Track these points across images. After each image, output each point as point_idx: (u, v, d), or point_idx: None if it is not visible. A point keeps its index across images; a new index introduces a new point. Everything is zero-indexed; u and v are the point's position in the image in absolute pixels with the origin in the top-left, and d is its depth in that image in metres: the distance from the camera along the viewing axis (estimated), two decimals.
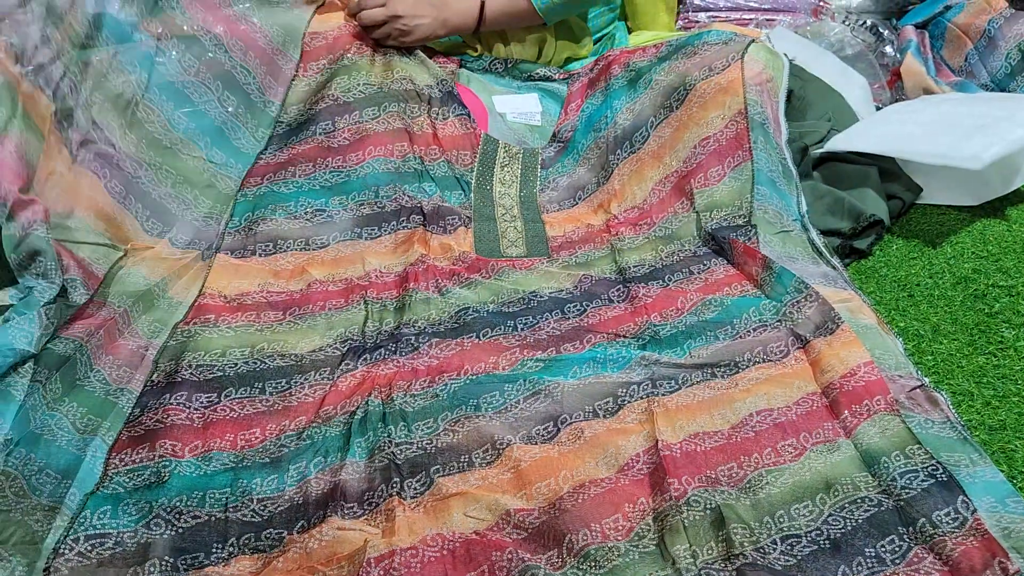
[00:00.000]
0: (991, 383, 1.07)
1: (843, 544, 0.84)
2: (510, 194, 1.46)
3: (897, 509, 0.86)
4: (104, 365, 1.07)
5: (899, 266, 1.33)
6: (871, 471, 0.91)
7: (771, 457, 0.95)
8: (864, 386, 1.00)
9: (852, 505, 0.88)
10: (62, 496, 0.90)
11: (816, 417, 1.00)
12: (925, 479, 0.88)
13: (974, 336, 1.16)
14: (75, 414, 1.00)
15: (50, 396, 0.99)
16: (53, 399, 1.00)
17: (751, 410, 1.02)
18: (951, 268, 1.31)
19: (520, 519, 0.88)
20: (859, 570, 0.81)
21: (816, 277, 1.22)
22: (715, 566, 0.82)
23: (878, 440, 0.94)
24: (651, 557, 0.84)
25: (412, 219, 1.37)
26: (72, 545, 0.85)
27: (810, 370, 1.07)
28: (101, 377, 1.05)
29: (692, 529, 0.86)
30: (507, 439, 0.98)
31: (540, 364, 1.11)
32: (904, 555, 0.82)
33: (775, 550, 0.84)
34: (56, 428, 0.97)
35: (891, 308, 1.23)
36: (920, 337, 1.16)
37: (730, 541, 0.84)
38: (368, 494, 0.93)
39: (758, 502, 0.89)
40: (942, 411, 0.98)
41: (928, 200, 1.50)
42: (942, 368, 1.10)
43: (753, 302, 1.19)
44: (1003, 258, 1.32)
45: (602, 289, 1.26)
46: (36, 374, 1.00)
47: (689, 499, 0.89)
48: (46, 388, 0.99)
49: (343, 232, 1.37)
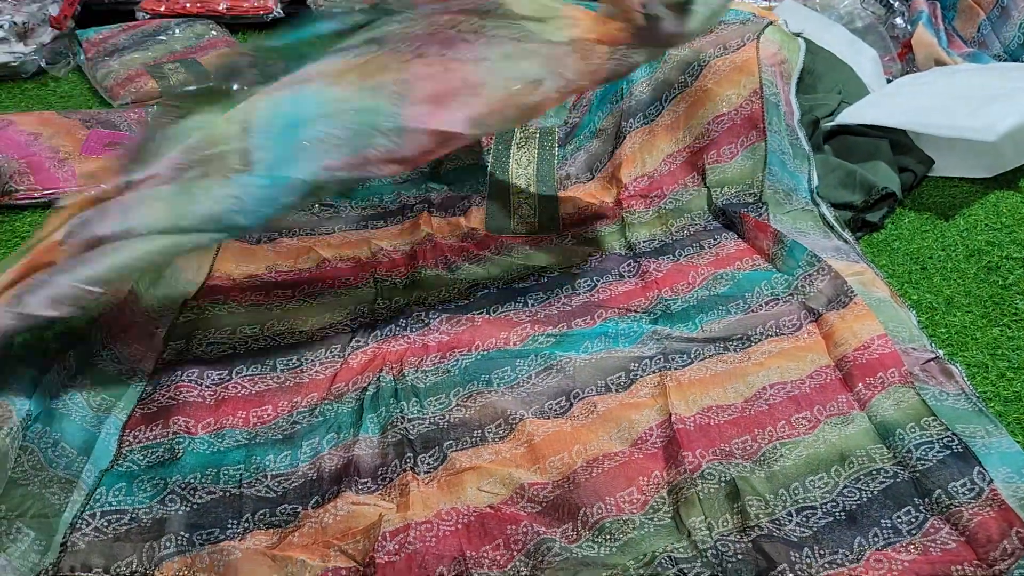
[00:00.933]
0: (1006, 355, 1.06)
1: (859, 515, 0.84)
2: (526, 174, 1.46)
3: (913, 480, 0.86)
4: (116, 342, 1.07)
5: (912, 239, 1.32)
6: (886, 443, 0.91)
7: (785, 430, 0.95)
8: (878, 359, 1.00)
9: (867, 477, 0.88)
10: (78, 472, 0.90)
11: (830, 390, 1.00)
12: (940, 450, 0.87)
13: (988, 308, 1.15)
14: (89, 392, 1.00)
15: (65, 374, 1.00)
16: (68, 376, 1.00)
17: (764, 383, 1.01)
18: (964, 240, 1.30)
19: (534, 493, 0.89)
20: (875, 541, 0.81)
21: (828, 251, 1.21)
22: (731, 538, 0.82)
23: (893, 412, 0.94)
24: (666, 529, 0.85)
25: (416, 208, 1.39)
26: (89, 520, 0.86)
27: (823, 343, 1.07)
28: (113, 355, 1.05)
29: (707, 501, 0.86)
30: (520, 414, 0.98)
31: (551, 339, 1.11)
32: (920, 526, 0.82)
33: (791, 522, 0.83)
34: (71, 404, 0.97)
35: (904, 281, 1.22)
36: (934, 309, 1.15)
37: (745, 513, 0.84)
38: (382, 469, 0.93)
39: (773, 475, 0.89)
40: (957, 383, 0.97)
41: (940, 173, 1.48)
42: (956, 340, 1.09)
43: (765, 276, 1.19)
44: (1017, 230, 1.30)
45: (612, 264, 1.26)
46: (49, 350, 1.00)
47: (704, 472, 0.89)
48: (61, 365, 0.99)
49: (348, 223, 1.39)
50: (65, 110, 1.73)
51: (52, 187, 1.45)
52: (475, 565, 0.81)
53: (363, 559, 0.82)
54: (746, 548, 0.81)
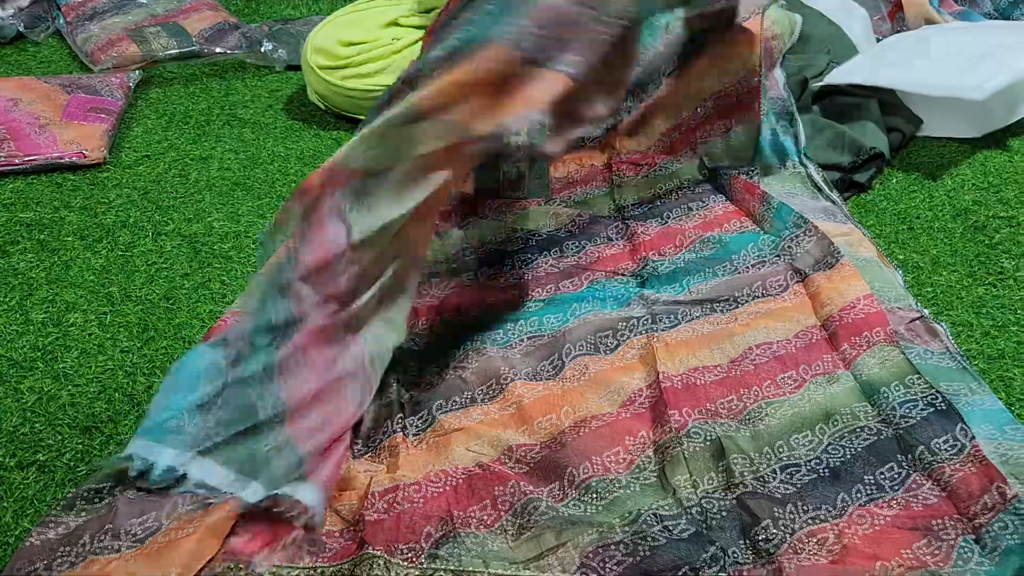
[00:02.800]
0: (990, 313, 1.07)
1: (842, 472, 0.84)
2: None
3: (896, 438, 0.87)
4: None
5: (899, 199, 1.32)
6: (871, 401, 0.92)
7: (771, 389, 0.95)
8: (863, 318, 1.00)
9: (851, 434, 0.88)
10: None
11: (816, 349, 1.00)
12: (924, 408, 0.88)
13: (974, 267, 1.15)
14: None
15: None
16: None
17: (750, 343, 1.02)
18: (951, 200, 1.30)
19: (522, 454, 0.89)
20: (858, 497, 0.82)
21: (816, 212, 1.21)
22: (715, 495, 0.83)
23: (878, 371, 0.94)
24: (652, 488, 0.85)
25: None
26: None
27: (809, 304, 1.07)
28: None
29: (692, 460, 0.86)
30: (511, 375, 0.99)
31: (540, 304, 1.11)
32: (903, 482, 0.83)
33: (775, 479, 0.84)
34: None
35: (891, 241, 1.22)
36: (920, 269, 1.16)
37: (730, 471, 0.85)
38: (372, 432, 0.94)
39: (758, 433, 0.90)
40: (941, 342, 0.98)
41: (929, 133, 1.48)
42: (942, 299, 1.10)
43: (752, 238, 1.19)
44: (1004, 189, 1.30)
45: (600, 228, 1.26)
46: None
47: (689, 430, 0.89)
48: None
49: None
50: (45, 75, 1.70)
51: (33, 153, 1.43)
52: (462, 524, 0.82)
53: (353, 519, 0.83)
54: (730, 505, 0.82)
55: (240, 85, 1.77)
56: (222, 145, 1.54)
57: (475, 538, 0.80)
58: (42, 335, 1.07)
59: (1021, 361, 0.98)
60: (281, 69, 1.83)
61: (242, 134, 1.58)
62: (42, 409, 0.96)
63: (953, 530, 0.77)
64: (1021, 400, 0.93)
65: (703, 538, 0.78)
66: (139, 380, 1.00)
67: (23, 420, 0.94)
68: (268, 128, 1.61)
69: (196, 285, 1.16)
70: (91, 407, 0.96)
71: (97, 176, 1.43)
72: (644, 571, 0.75)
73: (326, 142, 1.56)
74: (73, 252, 1.23)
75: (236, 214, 1.33)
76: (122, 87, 1.65)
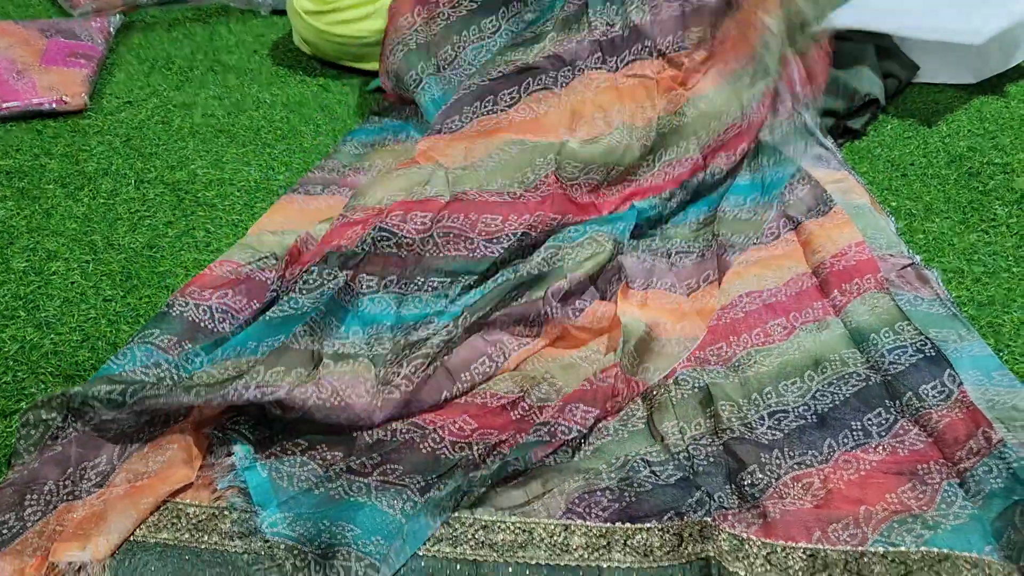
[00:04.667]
0: (982, 260, 1.06)
1: (829, 418, 0.84)
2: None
3: (884, 384, 0.87)
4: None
5: (893, 146, 1.30)
6: (860, 348, 0.91)
7: (760, 337, 0.95)
8: (855, 265, 0.99)
9: (840, 381, 0.88)
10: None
11: (806, 297, 1.00)
12: (913, 354, 0.88)
13: (967, 214, 1.14)
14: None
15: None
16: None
17: (741, 291, 1.01)
18: (946, 147, 1.28)
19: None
20: (845, 442, 0.82)
21: (809, 158, 1.19)
22: (703, 442, 0.83)
23: (868, 318, 0.94)
24: (640, 435, 0.85)
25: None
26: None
27: (800, 252, 1.06)
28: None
29: (680, 407, 0.86)
30: None
31: None
32: (890, 428, 0.83)
33: (762, 425, 0.84)
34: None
35: (884, 188, 1.21)
36: (912, 216, 1.15)
37: (718, 417, 0.84)
38: None
39: (746, 380, 0.89)
40: (932, 288, 0.97)
41: (925, 78, 1.45)
42: (933, 246, 1.09)
43: (744, 189, 1.18)
44: (999, 135, 1.29)
45: None
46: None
47: (678, 378, 0.89)
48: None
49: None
50: (22, 20, 1.66)
51: (11, 99, 1.39)
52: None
53: None
54: (717, 451, 0.82)
55: (224, 30, 1.73)
56: (205, 91, 1.51)
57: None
58: (24, 283, 1.06)
59: (1010, 307, 0.98)
60: (266, 14, 1.79)
61: (226, 80, 1.55)
62: (24, 358, 0.95)
63: (938, 474, 0.77)
64: (1009, 346, 0.93)
65: (690, 483, 0.78)
66: (123, 329, 0.99)
67: (5, 369, 0.93)
68: (253, 74, 1.57)
69: (179, 233, 1.15)
70: (74, 356, 0.95)
71: (78, 123, 1.40)
72: (629, 516, 0.75)
73: (312, 88, 1.53)
74: (54, 200, 1.21)
75: (220, 161, 1.30)
76: (102, 32, 1.61)
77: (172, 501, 0.77)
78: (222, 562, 0.72)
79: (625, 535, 0.74)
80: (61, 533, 0.72)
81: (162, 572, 0.71)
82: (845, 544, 0.71)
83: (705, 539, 0.71)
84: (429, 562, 0.72)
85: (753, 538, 0.72)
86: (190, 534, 0.74)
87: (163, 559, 0.72)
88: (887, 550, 0.70)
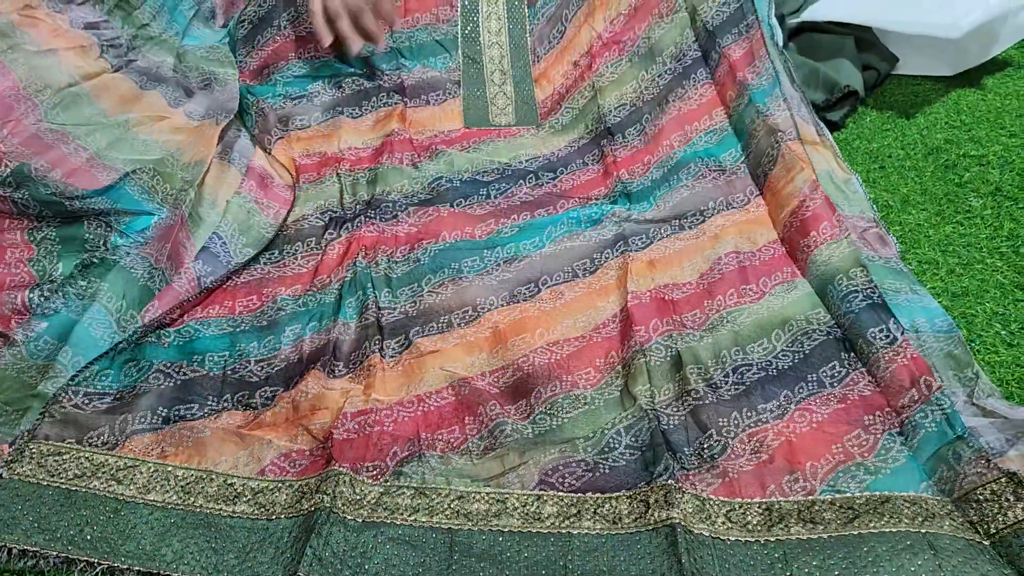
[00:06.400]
0: (956, 251, 1.08)
1: (789, 372, 0.88)
2: (499, 43, 1.41)
3: (843, 337, 0.90)
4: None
5: (872, 138, 1.32)
6: (823, 300, 0.95)
7: (733, 298, 0.98)
8: (811, 216, 1.02)
9: (803, 337, 0.92)
10: (54, 355, 0.90)
11: (778, 261, 1.03)
12: (863, 300, 0.91)
13: (942, 206, 1.16)
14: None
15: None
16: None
17: (720, 254, 1.04)
18: (923, 139, 1.30)
19: (494, 379, 0.91)
20: (800, 392, 0.86)
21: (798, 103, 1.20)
22: (669, 409, 0.86)
23: (826, 268, 0.97)
24: (615, 402, 0.88)
25: (392, 96, 1.34)
26: (72, 397, 0.88)
27: (769, 218, 1.09)
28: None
29: (654, 371, 0.90)
30: (489, 301, 1.01)
31: (516, 229, 1.13)
32: (842, 379, 0.86)
33: (727, 382, 0.87)
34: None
35: (862, 180, 1.22)
36: (890, 208, 1.16)
37: (685, 379, 0.88)
38: (354, 354, 0.96)
39: (717, 341, 0.93)
40: (889, 251, 1.00)
41: (905, 71, 1.47)
42: (909, 238, 1.11)
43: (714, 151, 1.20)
44: (975, 128, 1.31)
45: (576, 155, 1.27)
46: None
47: (653, 344, 0.92)
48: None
49: (324, 112, 1.33)
50: None
51: None
52: (428, 446, 0.84)
53: (324, 437, 0.84)
54: (683, 417, 0.85)
55: None
56: None
57: (440, 458, 0.83)
58: None
59: (983, 298, 1.00)
60: None
61: None
62: None
63: (881, 424, 0.81)
64: (981, 336, 0.95)
65: (660, 449, 0.81)
66: None
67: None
68: None
69: None
70: None
71: None
72: (600, 487, 0.78)
73: None
74: None
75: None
76: None
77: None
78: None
79: (596, 504, 0.77)
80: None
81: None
82: (797, 495, 0.75)
83: (670, 505, 0.74)
84: (405, 531, 0.74)
85: (713, 497, 0.76)
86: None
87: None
88: (834, 497, 0.74)
